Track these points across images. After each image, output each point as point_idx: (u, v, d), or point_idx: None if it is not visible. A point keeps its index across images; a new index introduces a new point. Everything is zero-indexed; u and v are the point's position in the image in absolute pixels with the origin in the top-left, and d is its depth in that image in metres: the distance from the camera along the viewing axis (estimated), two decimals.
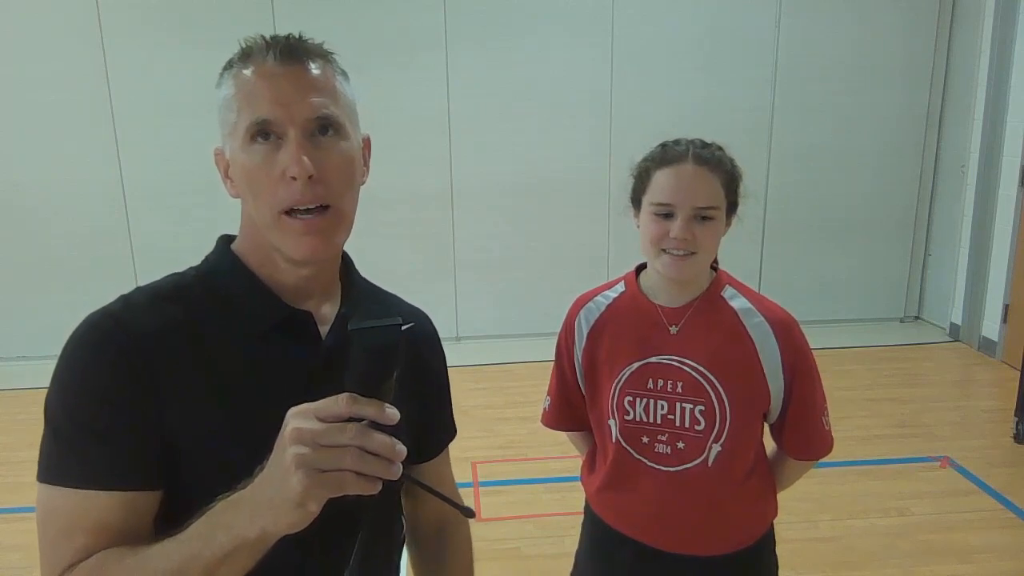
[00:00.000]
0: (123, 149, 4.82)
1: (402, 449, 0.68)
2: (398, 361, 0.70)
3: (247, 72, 0.84)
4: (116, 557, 0.76)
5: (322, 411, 0.67)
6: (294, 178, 0.81)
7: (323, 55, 0.87)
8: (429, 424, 1.07)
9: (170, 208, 4.82)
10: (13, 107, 4.71)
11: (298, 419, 0.67)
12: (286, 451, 0.66)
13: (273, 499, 0.68)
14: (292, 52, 0.84)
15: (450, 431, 1.15)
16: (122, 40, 4.69)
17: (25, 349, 4.84)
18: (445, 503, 0.80)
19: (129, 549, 0.76)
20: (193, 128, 4.67)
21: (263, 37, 0.85)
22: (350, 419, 0.67)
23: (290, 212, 0.83)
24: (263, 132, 0.83)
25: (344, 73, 0.91)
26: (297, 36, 0.86)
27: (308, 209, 0.83)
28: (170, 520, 0.78)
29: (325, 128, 0.84)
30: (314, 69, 0.85)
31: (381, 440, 0.67)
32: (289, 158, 0.81)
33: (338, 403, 0.67)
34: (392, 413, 0.68)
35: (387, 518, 1.00)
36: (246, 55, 0.85)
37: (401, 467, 0.69)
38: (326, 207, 0.84)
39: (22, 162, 4.78)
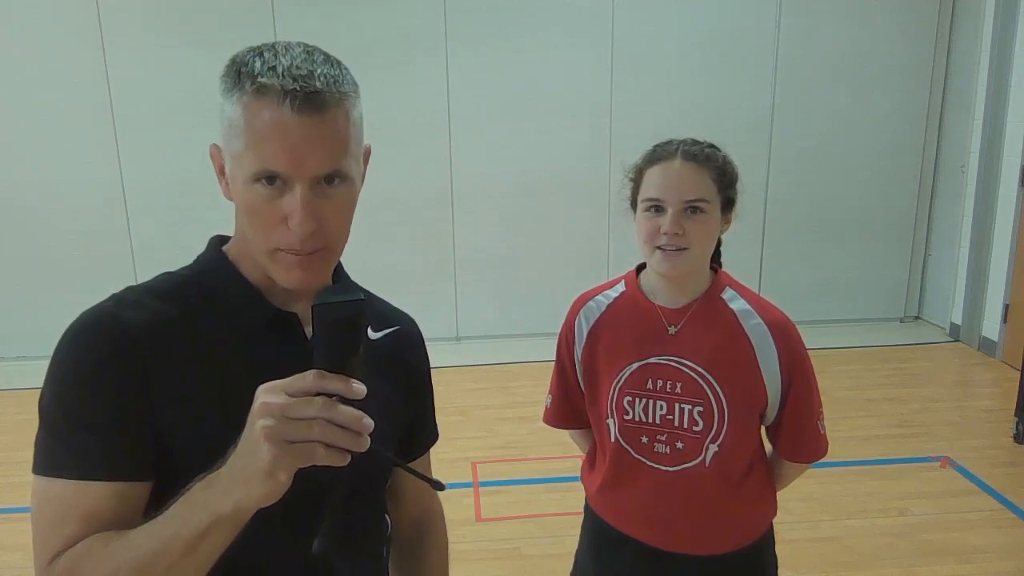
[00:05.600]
0: (123, 149, 4.82)
1: (369, 422, 0.70)
2: (362, 335, 0.73)
3: (259, 110, 0.80)
4: (102, 541, 0.78)
5: (290, 386, 0.70)
6: (298, 233, 0.82)
7: (339, 96, 0.82)
8: (412, 426, 1.09)
9: (170, 208, 4.82)
10: (13, 107, 4.71)
11: (267, 394, 0.70)
12: (255, 424, 0.69)
13: (244, 472, 0.70)
14: (309, 104, 0.79)
15: (432, 435, 1.17)
16: (122, 40, 4.69)
17: (25, 349, 4.84)
18: (421, 487, 0.82)
19: (115, 533, 0.79)
20: (193, 128, 4.68)
21: (278, 74, 0.79)
22: (319, 394, 0.69)
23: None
24: (269, 178, 0.82)
25: (356, 95, 0.87)
26: (308, 72, 0.80)
27: (314, 250, 0.85)
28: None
29: (332, 178, 0.84)
30: (328, 121, 0.81)
31: (348, 412, 0.69)
32: (292, 210, 0.81)
33: (305, 378, 0.70)
34: (359, 388, 0.70)
35: (373, 511, 1.02)
36: (260, 92, 0.79)
37: (369, 439, 0.71)
38: (321, 248, 0.86)
39: (22, 162, 4.78)
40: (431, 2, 4.80)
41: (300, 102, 0.79)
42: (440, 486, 0.83)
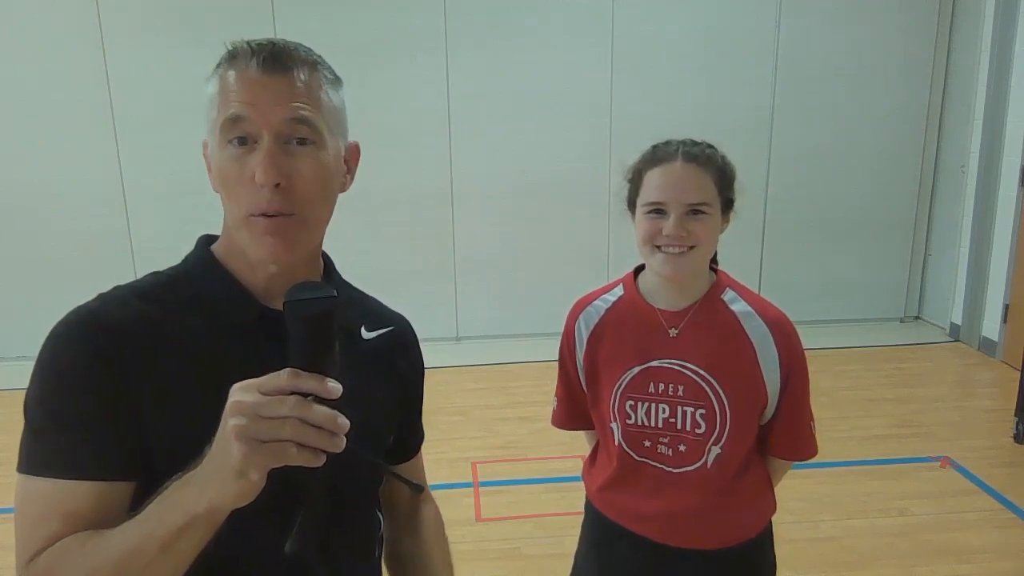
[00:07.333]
0: (123, 149, 4.82)
1: (344, 422, 0.69)
2: (336, 332, 0.71)
3: (230, 74, 0.85)
4: (79, 540, 0.78)
5: (264, 385, 0.69)
6: (262, 185, 0.83)
7: (310, 63, 0.87)
8: (405, 427, 1.09)
9: (170, 208, 4.81)
10: (13, 107, 4.71)
11: (240, 393, 0.69)
12: (227, 423, 0.69)
13: (217, 471, 0.70)
14: (276, 60, 0.84)
15: (419, 435, 1.18)
16: (122, 40, 4.69)
17: (25, 349, 4.82)
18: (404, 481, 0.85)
19: (94, 532, 0.78)
20: (193, 128, 4.65)
21: (249, 43, 0.86)
22: (294, 393, 0.68)
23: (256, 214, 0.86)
24: (240, 136, 0.84)
25: (335, 80, 0.91)
26: (283, 43, 0.86)
27: (283, 214, 0.86)
28: None
29: (303, 139, 0.85)
30: (298, 78, 0.85)
31: (322, 412, 0.68)
32: (258, 162, 0.83)
33: (279, 377, 0.69)
34: (334, 387, 0.69)
35: (361, 510, 1.01)
36: (232, 57, 0.86)
37: (345, 439, 0.70)
38: (290, 215, 0.86)
39: (22, 162, 4.78)
40: (431, 2, 4.80)
41: (267, 58, 0.84)
42: (419, 488, 0.82)
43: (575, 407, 1.57)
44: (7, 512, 3.25)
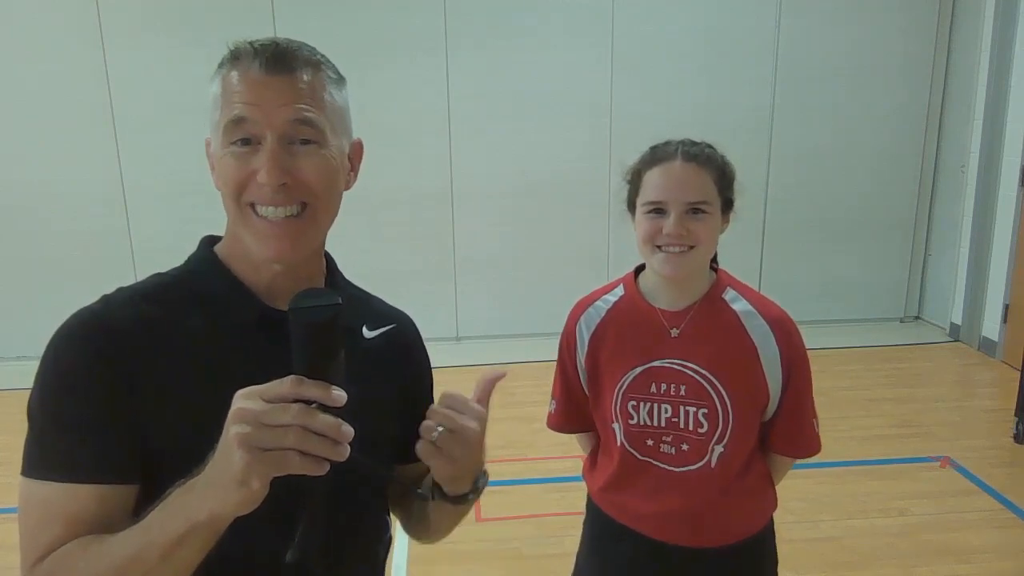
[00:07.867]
0: (123, 149, 4.82)
1: (348, 430, 0.69)
2: (340, 339, 0.71)
3: (233, 74, 0.85)
4: (82, 546, 0.78)
5: (267, 392, 0.68)
6: (265, 185, 0.83)
7: (313, 63, 0.87)
8: (409, 427, 1.07)
9: (170, 208, 4.81)
10: (13, 107, 4.71)
11: (243, 399, 0.69)
12: (229, 431, 0.68)
13: (219, 479, 0.69)
14: (279, 61, 0.84)
15: None
16: (122, 40, 4.69)
17: (25, 349, 4.83)
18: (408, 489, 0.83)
19: (95, 538, 0.78)
20: (193, 128, 4.64)
21: (251, 43, 0.86)
22: (297, 400, 0.68)
23: (254, 206, 0.86)
24: (243, 137, 0.84)
25: (338, 80, 0.91)
26: (286, 43, 0.86)
27: (289, 215, 0.86)
28: None
29: (306, 139, 0.85)
30: (301, 79, 0.85)
31: (325, 420, 0.68)
32: (261, 163, 0.83)
33: (283, 384, 0.68)
34: (338, 394, 0.69)
35: (366, 515, 1.00)
36: (235, 57, 0.86)
37: (348, 448, 0.69)
38: (303, 206, 0.86)
39: (22, 162, 4.78)
40: (431, 2, 4.80)
41: (270, 59, 0.84)
42: (424, 496, 0.81)
43: (573, 409, 1.56)
44: (7, 512, 3.27)
